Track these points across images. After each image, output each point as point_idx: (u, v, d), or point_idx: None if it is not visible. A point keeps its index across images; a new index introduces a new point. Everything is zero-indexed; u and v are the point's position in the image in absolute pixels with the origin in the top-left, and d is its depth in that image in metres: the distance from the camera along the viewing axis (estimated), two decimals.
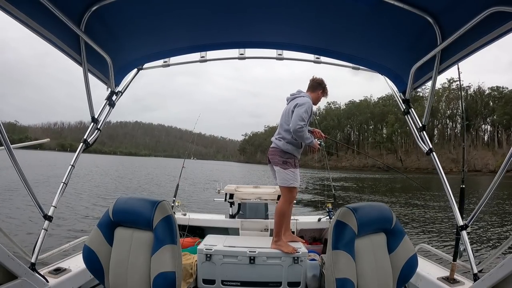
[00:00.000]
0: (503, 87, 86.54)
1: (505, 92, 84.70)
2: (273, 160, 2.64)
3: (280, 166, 2.56)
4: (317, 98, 2.78)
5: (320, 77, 2.80)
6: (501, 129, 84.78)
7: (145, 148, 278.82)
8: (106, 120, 2.03)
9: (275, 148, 2.63)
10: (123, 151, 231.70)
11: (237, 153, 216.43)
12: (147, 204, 1.40)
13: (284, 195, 2.59)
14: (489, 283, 1.12)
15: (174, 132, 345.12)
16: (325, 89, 2.81)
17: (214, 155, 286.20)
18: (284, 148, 2.57)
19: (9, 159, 1.35)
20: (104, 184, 16.92)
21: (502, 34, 1.25)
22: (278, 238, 2.44)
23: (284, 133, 2.61)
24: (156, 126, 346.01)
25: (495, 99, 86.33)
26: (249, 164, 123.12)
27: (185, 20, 1.74)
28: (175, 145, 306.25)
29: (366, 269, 1.35)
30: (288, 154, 2.58)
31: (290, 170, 2.55)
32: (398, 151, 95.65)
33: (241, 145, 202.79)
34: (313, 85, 2.78)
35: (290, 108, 2.61)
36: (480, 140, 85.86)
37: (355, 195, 17.58)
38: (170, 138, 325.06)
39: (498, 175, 1.34)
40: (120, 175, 25.14)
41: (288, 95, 2.78)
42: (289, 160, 2.57)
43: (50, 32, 1.42)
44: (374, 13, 1.55)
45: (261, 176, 29.80)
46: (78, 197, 11.06)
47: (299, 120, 2.46)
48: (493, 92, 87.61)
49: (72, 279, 1.65)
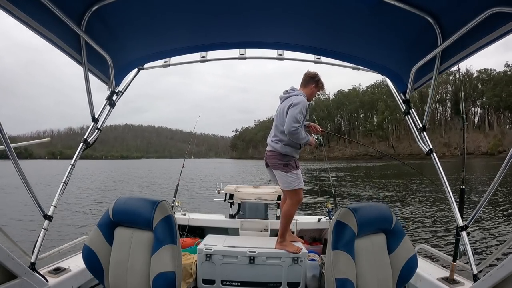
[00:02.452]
0: (491, 69, 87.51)
1: (493, 74, 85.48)
2: (272, 164, 2.55)
3: (281, 170, 2.48)
4: (311, 93, 2.65)
5: (314, 71, 2.68)
6: (491, 111, 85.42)
7: (137, 150, 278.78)
8: (106, 120, 2.03)
9: (273, 151, 2.52)
10: (115, 155, 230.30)
11: (229, 149, 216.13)
12: (147, 204, 1.40)
13: (291, 198, 2.52)
14: (489, 283, 1.12)
15: (165, 133, 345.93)
16: (319, 83, 2.67)
17: (206, 153, 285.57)
18: (283, 151, 2.47)
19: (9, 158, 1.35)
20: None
21: (502, 35, 1.25)
22: (283, 239, 2.44)
23: (280, 135, 2.51)
24: (146, 128, 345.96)
25: (484, 81, 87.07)
26: (242, 160, 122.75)
27: (185, 20, 1.74)
28: (166, 145, 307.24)
29: (366, 270, 1.35)
30: (287, 157, 2.49)
31: (292, 172, 2.48)
32: (389, 138, 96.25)
33: (233, 141, 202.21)
34: (305, 79, 2.66)
35: (284, 108, 2.50)
36: (471, 123, 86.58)
37: (352, 185, 17.80)
38: (161, 139, 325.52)
39: (498, 175, 1.33)
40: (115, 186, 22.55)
41: (281, 93, 2.67)
42: (289, 163, 2.48)
43: (50, 32, 1.42)
44: (374, 13, 1.55)
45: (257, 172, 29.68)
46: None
47: (294, 122, 2.35)
48: (481, 74, 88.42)
49: (72, 279, 1.65)
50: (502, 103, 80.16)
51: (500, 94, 79.97)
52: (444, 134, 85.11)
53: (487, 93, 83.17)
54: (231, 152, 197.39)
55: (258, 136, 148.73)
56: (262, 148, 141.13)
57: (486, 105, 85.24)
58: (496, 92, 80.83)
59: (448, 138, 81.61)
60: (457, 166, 16.90)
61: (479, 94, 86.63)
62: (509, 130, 79.68)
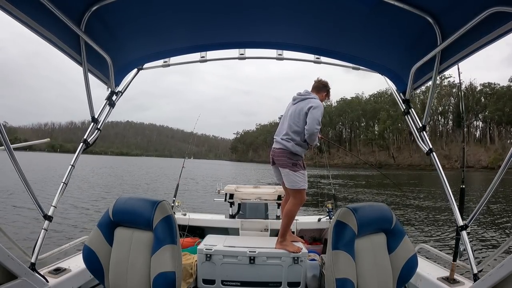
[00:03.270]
0: (494, 83, 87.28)
1: (496, 88, 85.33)
2: (280, 162, 2.55)
3: (289, 168, 2.50)
4: (321, 100, 2.73)
5: (326, 80, 2.78)
6: (493, 125, 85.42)
7: (137, 147, 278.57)
8: (106, 120, 2.03)
9: (283, 149, 2.53)
10: (114, 151, 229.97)
11: (228, 151, 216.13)
12: (147, 204, 1.40)
13: (295, 197, 2.54)
14: (489, 283, 1.12)
15: (166, 132, 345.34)
16: (329, 92, 2.80)
17: (206, 154, 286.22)
18: (293, 150, 2.50)
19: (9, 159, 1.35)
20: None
21: (502, 34, 1.25)
22: (283, 239, 2.44)
23: (293, 134, 2.52)
24: (148, 126, 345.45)
25: (487, 95, 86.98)
26: (241, 162, 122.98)
27: (185, 20, 1.74)
28: (166, 144, 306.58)
29: (366, 269, 1.35)
30: (297, 156, 2.52)
31: (300, 172, 2.50)
32: (390, 148, 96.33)
33: (233, 143, 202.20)
34: (319, 86, 2.74)
35: (302, 109, 2.53)
36: (472, 137, 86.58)
37: (351, 191, 17.77)
38: (162, 138, 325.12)
39: (498, 175, 1.33)
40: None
41: (295, 94, 2.70)
42: (298, 162, 2.51)
43: (50, 32, 1.42)
44: (374, 13, 1.55)
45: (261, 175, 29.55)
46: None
47: (317, 124, 2.44)
48: (484, 88, 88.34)
49: (72, 279, 1.65)
50: (504, 117, 79.87)
51: (502, 108, 79.51)
52: (445, 146, 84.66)
53: (490, 107, 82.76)
54: (230, 154, 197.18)
55: (258, 140, 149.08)
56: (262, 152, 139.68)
57: (488, 119, 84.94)
58: (498, 106, 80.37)
59: (449, 151, 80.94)
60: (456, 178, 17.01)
61: (482, 108, 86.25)
62: (510, 145, 77.39)
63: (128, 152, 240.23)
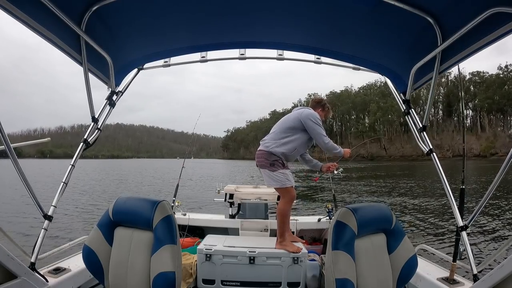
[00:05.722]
0: (483, 72, 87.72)
1: (486, 77, 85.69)
2: (260, 163, 2.59)
3: (267, 168, 2.51)
4: (320, 116, 2.76)
5: (320, 97, 2.85)
6: (483, 113, 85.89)
7: (128, 150, 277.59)
8: (106, 120, 2.03)
9: (262, 150, 2.58)
10: (105, 154, 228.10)
11: (220, 150, 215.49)
12: (147, 204, 1.40)
13: (283, 196, 2.57)
14: (489, 283, 1.12)
15: (156, 132, 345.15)
16: (325, 107, 2.80)
17: (198, 153, 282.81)
18: (273, 151, 2.52)
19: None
20: None
21: (502, 35, 1.25)
22: (282, 239, 2.44)
23: (275, 135, 2.59)
24: (138, 127, 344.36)
25: (476, 84, 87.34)
26: (233, 160, 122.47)
27: (185, 20, 1.74)
28: (157, 145, 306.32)
29: (366, 270, 1.35)
30: (274, 156, 2.52)
31: (279, 171, 2.50)
32: (381, 139, 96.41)
33: (224, 141, 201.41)
34: (312, 104, 2.80)
35: (291, 114, 2.64)
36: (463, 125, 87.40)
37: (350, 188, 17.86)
38: (153, 139, 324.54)
39: (498, 175, 1.33)
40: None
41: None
42: (276, 162, 2.51)
43: (50, 32, 1.42)
44: (374, 14, 1.55)
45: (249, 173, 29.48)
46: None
47: (321, 135, 2.52)
48: (474, 77, 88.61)
49: (72, 279, 1.65)
50: (494, 105, 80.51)
51: (492, 96, 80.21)
52: (436, 136, 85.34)
53: (480, 96, 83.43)
54: (222, 153, 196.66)
55: (249, 137, 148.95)
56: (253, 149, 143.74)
57: (478, 107, 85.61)
58: (488, 94, 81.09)
59: (440, 140, 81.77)
60: (448, 168, 17.18)
61: (472, 97, 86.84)
62: (501, 132, 79.95)
63: (119, 155, 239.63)
